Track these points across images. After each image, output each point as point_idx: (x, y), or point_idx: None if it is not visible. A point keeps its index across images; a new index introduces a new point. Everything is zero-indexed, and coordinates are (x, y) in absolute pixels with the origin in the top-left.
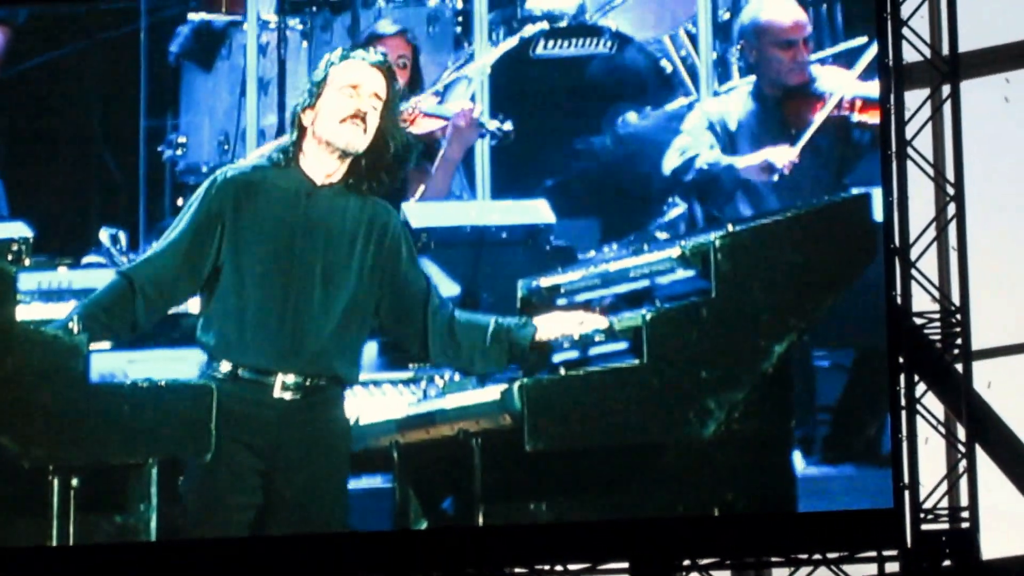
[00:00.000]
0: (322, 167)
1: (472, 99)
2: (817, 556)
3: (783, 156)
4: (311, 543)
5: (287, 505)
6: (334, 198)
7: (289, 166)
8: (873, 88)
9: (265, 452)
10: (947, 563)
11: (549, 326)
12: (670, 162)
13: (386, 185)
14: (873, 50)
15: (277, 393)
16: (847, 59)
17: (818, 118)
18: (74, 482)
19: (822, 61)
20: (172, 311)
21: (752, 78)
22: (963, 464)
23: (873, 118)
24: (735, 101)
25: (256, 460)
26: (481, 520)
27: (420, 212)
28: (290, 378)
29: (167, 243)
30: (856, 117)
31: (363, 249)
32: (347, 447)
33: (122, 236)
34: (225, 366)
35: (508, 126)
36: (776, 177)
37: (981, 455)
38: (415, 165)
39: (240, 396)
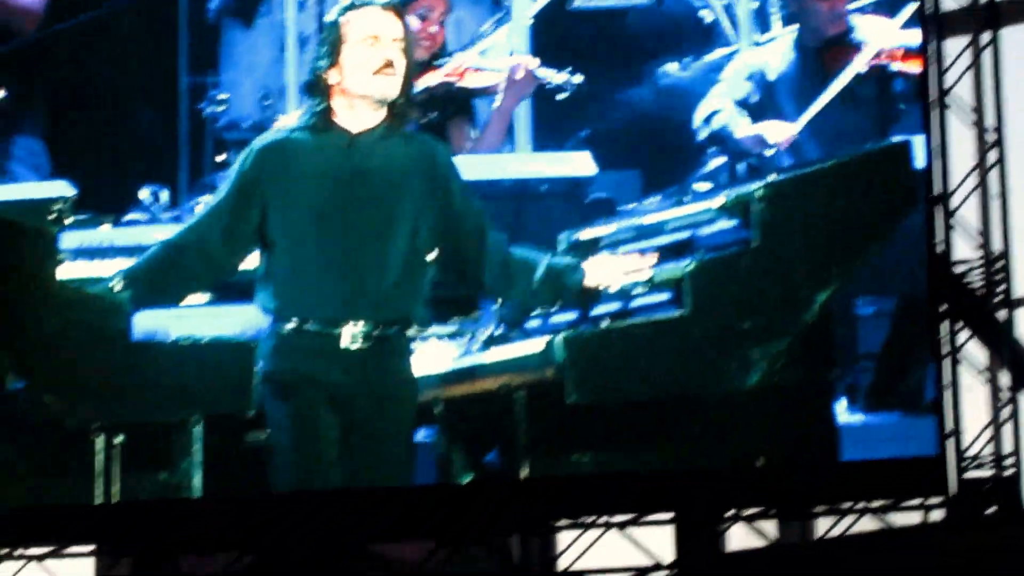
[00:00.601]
0: (358, 120)
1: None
2: (861, 505)
3: (780, 133)
4: (354, 497)
5: (358, 457)
6: (376, 143)
7: (326, 125)
8: (913, 37)
9: (339, 404)
10: (991, 510)
11: (599, 272)
12: (700, 112)
13: (408, 122)
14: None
15: (345, 343)
16: (887, 8)
17: (848, 70)
18: (117, 440)
19: (861, 10)
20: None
21: (794, 28)
22: (1007, 411)
23: (913, 67)
24: (775, 52)
25: (332, 414)
26: (525, 473)
27: (460, 165)
28: (359, 327)
29: (207, 213)
30: (896, 66)
31: (413, 187)
32: (415, 399)
33: (164, 193)
34: (290, 324)
35: (577, 77)
36: (770, 152)
37: None
38: (456, 117)
39: (309, 349)
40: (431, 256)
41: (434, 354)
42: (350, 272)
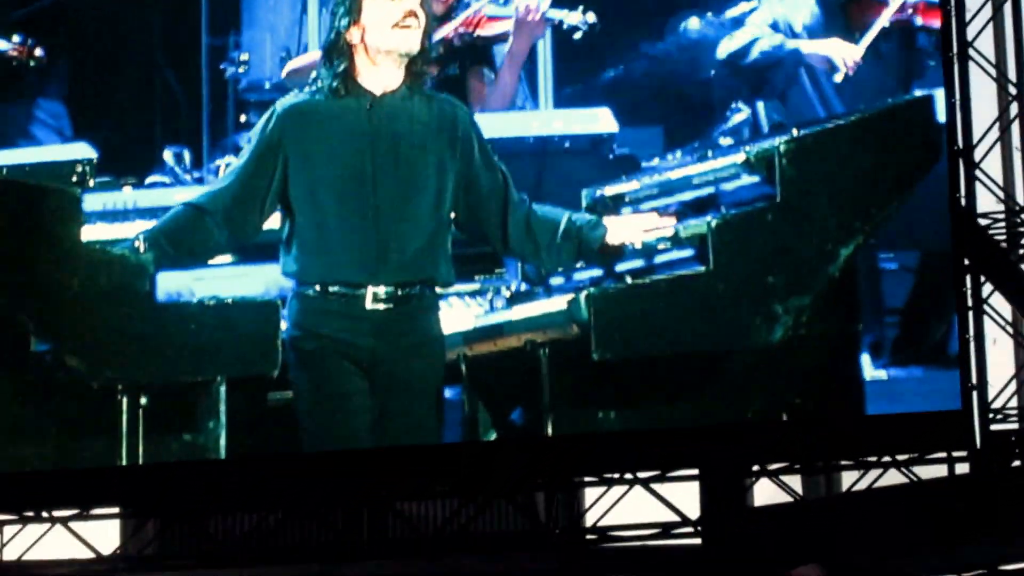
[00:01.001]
0: (380, 79)
1: None
2: (886, 458)
3: (848, 54)
4: (379, 456)
5: (387, 416)
6: (398, 104)
7: (348, 85)
8: None
9: (364, 365)
10: (1017, 463)
11: (619, 230)
12: (726, 46)
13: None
14: None
15: (369, 305)
16: None
17: (881, 19)
18: (143, 401)
19: None
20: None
21: None
22: None
23: (937, 22)
24: (800, 5)
25: (359, 376)
26: (550, 430)
27: (483, 123)
28: (381, 289)
29: (229, 175)
30: (920, 21)
31: (436, 148)
32: (442, 355)
33: (186, 154)
34: (314, 286)
35: (591, 16)
36: (839, 77)
37: None
38: (474, 67)
39: (334, 311)
40: (453, 215)
41: (458, 312)
42: (373, 234)
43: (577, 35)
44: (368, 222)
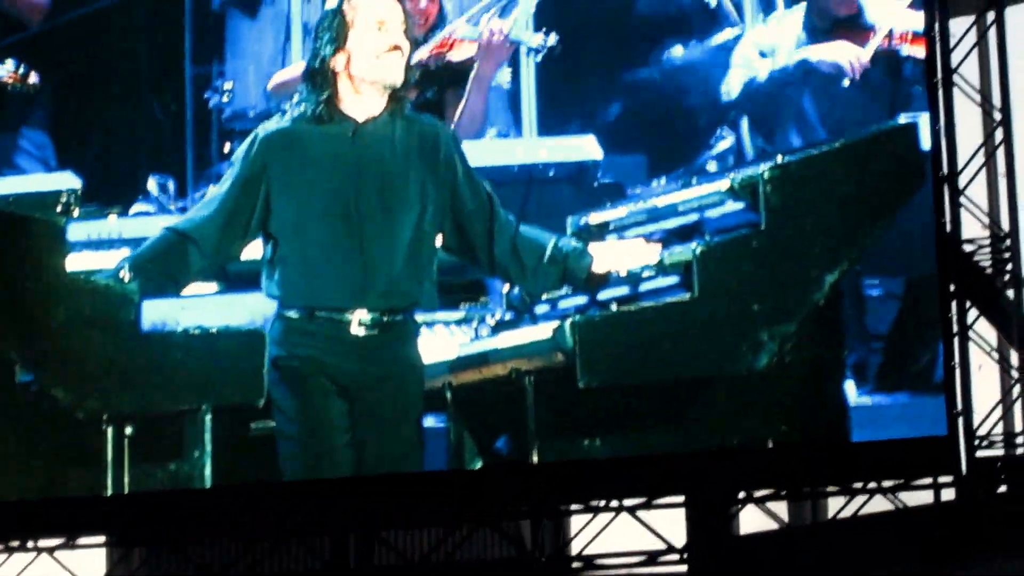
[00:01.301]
0: (363, 106)
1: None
2: (872, 485)
3: (855, 56)
4: (365, 485)
5: (368, 444)
6: (381, 130)
7: (331, 112)
8: (920, 19)
9: (346, 389)
10: (1003, 489)
11: (605, 257)
12: (732, 87)
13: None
14: None
15: (354, 330)
16: None
17: (875, 40)
18: (128, 431)
19: None
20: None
21: (797, 9)
22: (1017, 389)
23: (922, 52)
24: (784, 32)
25: (340, 399)
26: (536, 458)
27: (467, 151)
28: (365, 314)
29: (212, 200)
30: (906, 50)
31: (418, 171)
32: (422, 383)
33: (171, 184)
34: (298, 311)
35: (552, 39)
36: (847, 82)
37: None
38: (450, 91)
39: (319, 336)
40: (438, 240)
41: (443, 340)
42: (358, 260)
43: (538, 57)
44: (353, 247)
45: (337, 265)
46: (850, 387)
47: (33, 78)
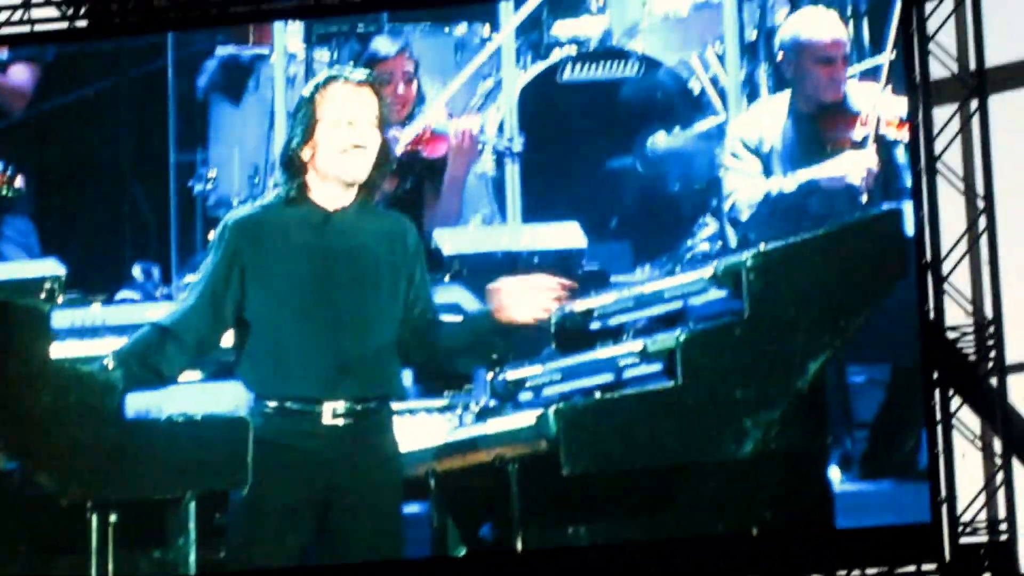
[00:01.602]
0: (332, 197)
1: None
2: (856, 572)
3: (865, 169)
4: (351, 572)
5: (343, 536)
6: (350, 221)
7: (300, 201)
8: (904, 103)
9: (319, 484)
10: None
11: (506, 306)
12: (746, 201)
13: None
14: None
15: (327, 421)
16: (876, 75)
17: (871, 130)
18: (112, 518)
19: (857, 77)
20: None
21: (781, 95)
22: (1000, 476)
23: (907, 136)
24: (768, 120)
25: (310, 492)
26: (520, 545)
27: (451, 238)
28: (340, 405)
29: (191, 295)
30: (894, 135)
31: (388, 265)
32: (400, 473)
33: (155, 271)
34: (272, 402)
35: (517, 146)
36: (864, 198)
37: (1019, 468)
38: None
39: (290, 429)
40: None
41: (427, 427)
42: (328, 350)
43: (505, 160)
44: (324, 337)
45: (309, 355)
46: (834, 474)
47: (19, 182)
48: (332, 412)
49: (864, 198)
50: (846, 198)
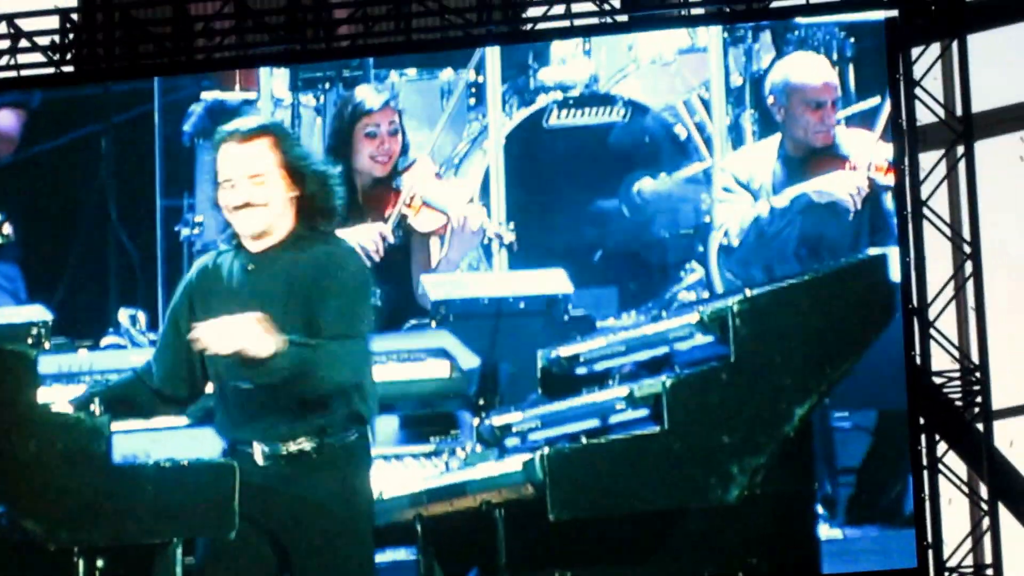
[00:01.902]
0: (255, 243)
1: (485, 188)
2: None
3: (856, 187)
4: None
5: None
6: (274, 262)
7: (239, 246)
8: (891, 148)
9: (259, 524)
10: None
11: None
12: (734, 228)
13: (331, 223)
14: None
15: (260, 462)
16: (863, 120)
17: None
18: (99, 563)
19: (845, 121)
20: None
21: (770, 139)
22: (986, 522)
23: (893, 180)
24: (760, 161)
25: (264, 537)
26: None
27: (438, 284)
28: (267, 447)
29: (158, 343)
30: (883, 179)
31: (294, 305)
32: (350, 512)
33: (141, 316)
34: (225, 444)
35: (510, 236)
36: (851, 215)
37: (1005, 513)
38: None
39: (243, 471)
40: None
41: (413, 473)
42: (255, 393)
43: (499, 250)
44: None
45: (240, 397)
46: (820, 519)
47: (7, 228)
48: (262, 454)
49: (851, 215)
50: (834, 214)
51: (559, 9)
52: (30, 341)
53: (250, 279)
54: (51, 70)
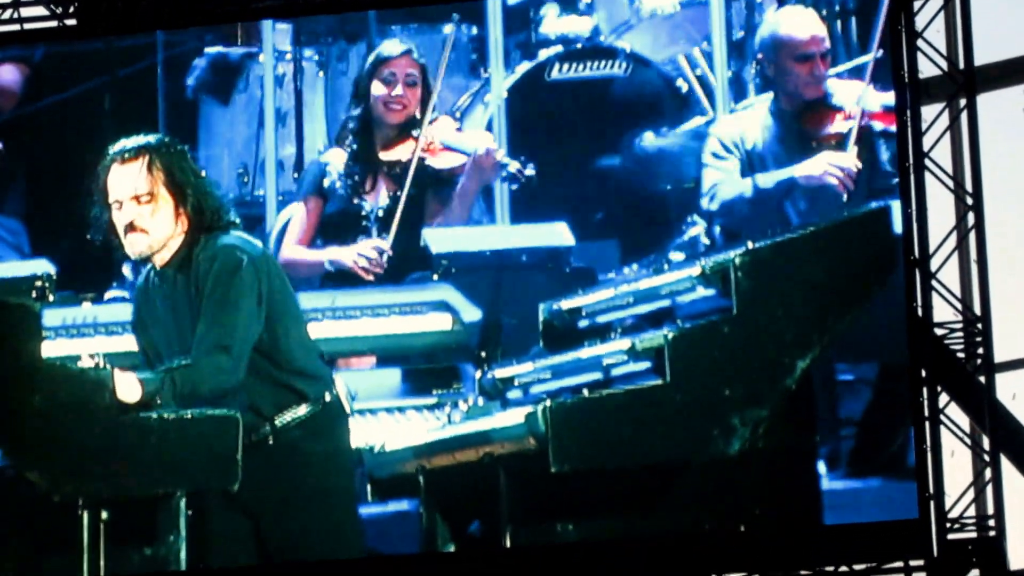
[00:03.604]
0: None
1: (490, 128)
2: (844, 568)
3: (843, 169)
4: (339, 568)
5: (283, 548)
6: (171, 279)
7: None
8: (890, 99)
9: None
10: (974, 572)
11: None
12: (721, 196)
13: (223, 219)
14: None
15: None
16: (863, 73)
17: (855, 127)
18: (104, 515)
19: (839, 76)
20: None
21: (768, 95)
22: (988, 473)
23: (894, 125)
24: (751, 119)
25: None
26: (508, 542)
27: (440, 237)
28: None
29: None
30: (879, 126)
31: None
32: (323, 476)
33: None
34: None
35: (530, 170)
36: (845, 197)
37: (1007, 464)
38: (431, 191)
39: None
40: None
41: (415, 426)
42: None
43: (512, 185)
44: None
45: None
46: (822, 471)
47: None
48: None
49: (844, 198)
50: (824, 197)
51: None
52: (34, 295)
53: (161, 293)
54: (54, 24)
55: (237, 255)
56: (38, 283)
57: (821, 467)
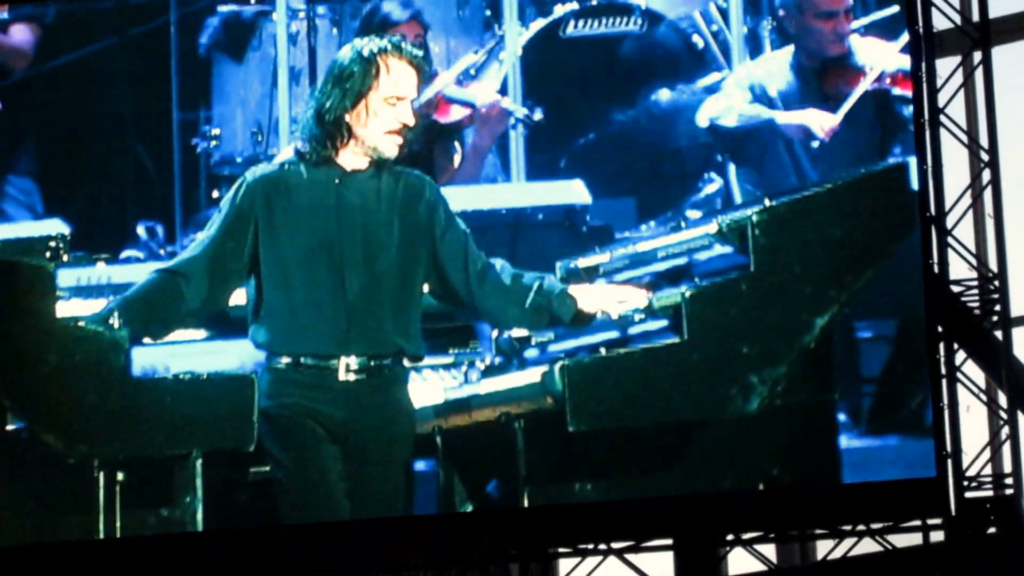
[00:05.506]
0: (352, 159)
1: (504, 87)
2: (861, 527)
3: (824, 122)
4: (355, 528)
5: (357, 489)
6: (365, 181)
7: (325, 162)
8: (907, 60)
9: (337, 435)
10: (992, 530)
11: (593, 300)
12: (706, 111)
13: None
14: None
15: (343, 376)
16: (882, 30)
17: (859, 89)
18: (120, 476)
19: (859, 32)
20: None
21: (789, 49)
22: (1005, 431)
23: (911, 91)
24: (774, 69)
25: (332, 445)
26: (526, 502)
27: (456, 196)
28: (353, 360)
29: (201, 244)
30: (897, 91)
31: (400, 224)
32: (412, 428)
33: (159, 229)
34: (285, 358)
35: (538, 115)
36: (815, 144)
37: None
38: (439, 146)
39: (306, 383)
40: (425, 288)
41: (432, 385)
42: (342, 307)
43: (523, 131)
44: (336, 294)
45: (321, 312)
46: (841, 429)
47: None
48: (346, 367)
49: (815, 143)
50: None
51: None
52: (48, 255)
53: (340, 195)
54: None
55: None
56: (52, 243)
57: (842, 419)
